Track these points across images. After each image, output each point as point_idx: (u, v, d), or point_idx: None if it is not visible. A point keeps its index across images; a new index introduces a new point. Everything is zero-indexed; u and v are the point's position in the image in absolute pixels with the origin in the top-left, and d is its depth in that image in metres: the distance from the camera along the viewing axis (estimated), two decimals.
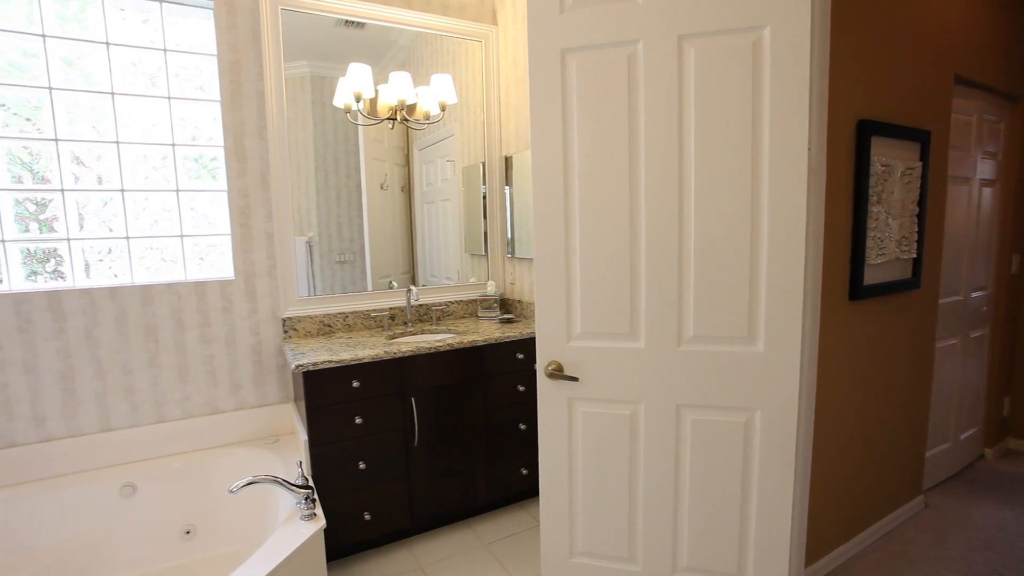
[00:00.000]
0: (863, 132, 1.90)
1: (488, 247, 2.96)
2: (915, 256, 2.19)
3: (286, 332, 2.46)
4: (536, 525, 2.41)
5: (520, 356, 2.43)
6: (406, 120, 2.65)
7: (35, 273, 2.15)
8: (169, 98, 2.27)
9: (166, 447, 2.28)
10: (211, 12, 2.27)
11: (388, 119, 2.61)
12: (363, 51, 2.57)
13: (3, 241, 2.06)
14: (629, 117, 1.50)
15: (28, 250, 2.12)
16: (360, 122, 2.59)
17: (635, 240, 1.53)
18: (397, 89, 2.50)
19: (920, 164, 2.15)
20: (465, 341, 2.29)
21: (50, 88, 2.08)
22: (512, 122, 2.84)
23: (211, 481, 2.24)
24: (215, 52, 2.28)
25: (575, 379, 1.62)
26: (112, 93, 2.17)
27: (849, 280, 1.97)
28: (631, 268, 1.54)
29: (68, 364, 2.12)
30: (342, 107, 2.53)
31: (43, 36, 2.06)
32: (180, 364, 2.30)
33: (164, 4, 2.22)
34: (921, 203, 2.17)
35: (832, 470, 2.01)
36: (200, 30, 2.30)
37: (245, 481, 1.69)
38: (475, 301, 2.91)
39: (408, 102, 2.55)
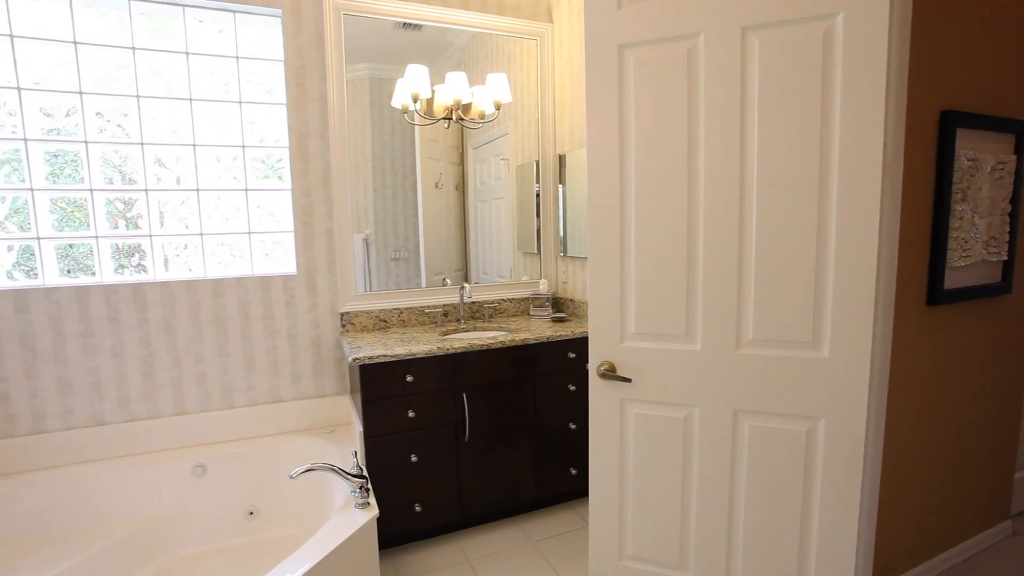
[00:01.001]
0: (947, 124, 1.76)
1: (540, 245, 2.96)
2: (1005, 258, 2.02)
3: (344, 326, 2.55)
4: (584, 526, 2.39)
5: (572, 355, 2.41)
6: (461, 119, 2.69)
7: (122, 266, 2.33)
8: (240, 103, 2.40)
9: (233, 432, 2.42)
10: (279, 20, 2.38)
11: (444, 119, 2.65)
12: (420, 53, 2.62)
13: (96, 237, 2.24)
14: (688, 113, 1.45)
15: (116, 245, 2.30)
16: (417, 122, 2.65)
17: (692, 239, 1.49)
18: (453, 89, 2.53)
19: (1014, 158, 1.97)
20: (517, 339, 2.29)
21: (138, 96, 2.25)
22: (566, 120, 2.82)
23: (272, 466, 2.35)
24: (282, 58, 2.39)
25: (628, 380, 1.59)
26: (190, 99, 2.32)
27: (927, 284, 1.83)
28: (687, 268, 1.50)
29: (149, 351, 2.28)
30: (399, 108, 2.59)
31: (133, 49, 2.22)
32: (246, 354, 2.43)
33: (237, 14, 2.35)
34: (1014, 201, 1.99)
35: (905, 486, 1.88)
36: (268, 37, 2.42)
37: (304, 468, 1.77)
38: (527, 299, 2.91)
39: (464, 102, 2.58)
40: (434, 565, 2.15)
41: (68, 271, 2.25)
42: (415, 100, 2.48)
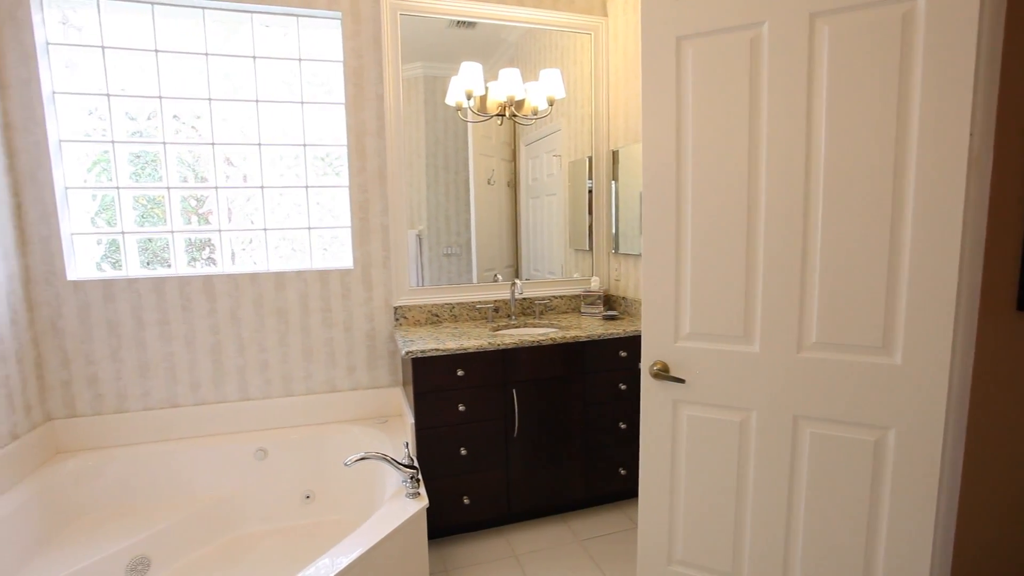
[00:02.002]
0: None
1: (593, 242, 2.92)
2: None
3: (397, 320, 2.61)
4: (632, 527, 2.35)
5: (623, 354, 2.38)
6: (514, 116, 2.69)
7: (194, 259, 2.48)
8: (302, 103, 2.49)
9: (291, 418, 2.53)
10: (339, 22, 2.46)
11: (497, 115, 2.67)
12: (473, 50, 2.64)
13: (172, 232, 2.39)
14: (750, 105, 1.39)
15: (190, 239, 2.45)
16: (470, 119, 2.67)
17: (752, 237, 1.43)
18: (506, 85, 2.54)
19: None
20: (568, 336, 2.28)
21: (210, 99, 2.38)
22: (620, 115, 2.77)
23: (328, 453, 2.45)
24: (341, 58, 2.46)
25: (681, 381, 1.55)
26: (257, 101, 2.43)
27: (1018, 287, 1.68)
28: (747, 267, 1.44)
29: (217, 339, 2.42)
30: (453, 105, 2.62)
31: (206, 55, 2.35)
32: (305, 345, 2.53)
33: (300, 18, 2.44)
34: None
35: (987, 507, 1.74)
36: (328, 39, 2.50)
37: (358, 456, 1.83)
38: (578, 296, 2.89)
39: (517, 98, 2.58)
40: (481, 557, 2.17)
41: (148, 263, 2.42)
42: (469, 97, 2.50)
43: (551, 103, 2.64)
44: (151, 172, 2.38)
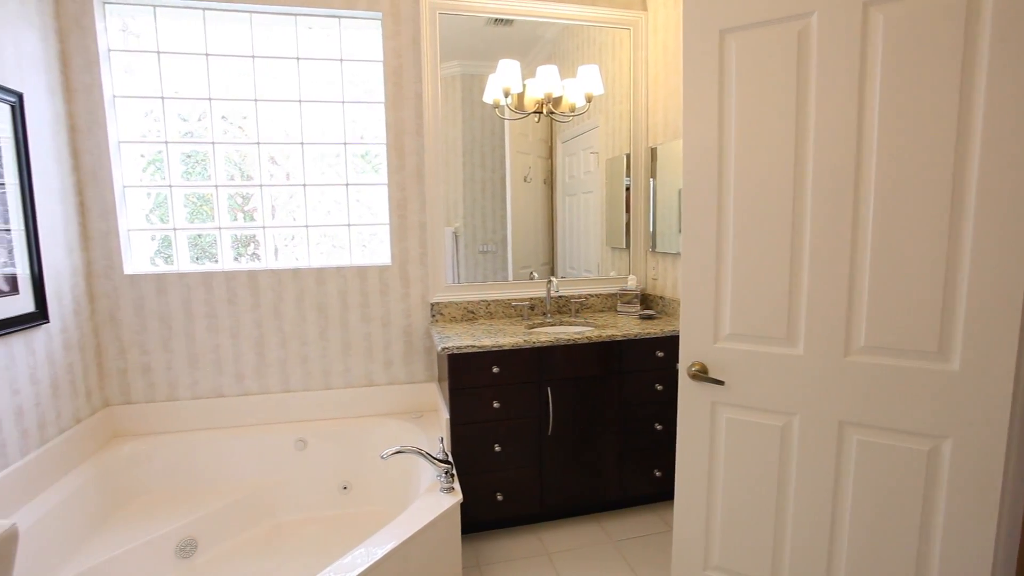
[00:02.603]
0: None
1: (630, 241, 2.88)
2: None
3: (433, 316, 2.64)
4: (667, 531, 2.31)
5: (660, 354, 2.34)
6: (552, 113, 2.68)
7: (240, 255, 2.57)
8: (343, 102, 2.55)
9: (330, 411, 2.59)
10: (379, 22, 2.50)
11: (534, 113, 2.66)
12: (510, 48, 2.64)
13: (219, 228, 2.49)
14: (796, 100, 1.35)
15: (236, 236, 2.54)
16: (507, 116, 2.67)
17: (797, 236, 1.38)
18: (544, 82, 2.53)
19: None
20: (603, 335, 2.26)
21: (255, 100, 2.46)
22: (660, 112, 2.72)
23: (365, 445, 2.50)
24: (381, 58, 2.50)
25: (721, 383, 1.51)
26: (300, 101, 2.50)
27: None
28: (791, 266, 1.40)
29: (260, 333, 2.50)
30: (490, 103, 2.63)
31: (253, 57, 2.43)
32: (344, 339, 2.59)
33: (342, 20, 2.49)
34: None
35: None
36: (369, 39, 2.54)
37: (394, 449, 1.86)
38: (614, 295, 2.86)
39: (554, 95, 2.57)
40: (513, 554, 2.18)
41: (197, 258, 2.52)
42: (506, 95, 2.50)
43: (589, 100, 2.62)
44: (200, 171, 2.48)
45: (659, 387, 2.36)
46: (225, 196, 2.50)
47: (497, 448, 2.21)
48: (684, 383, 1.60)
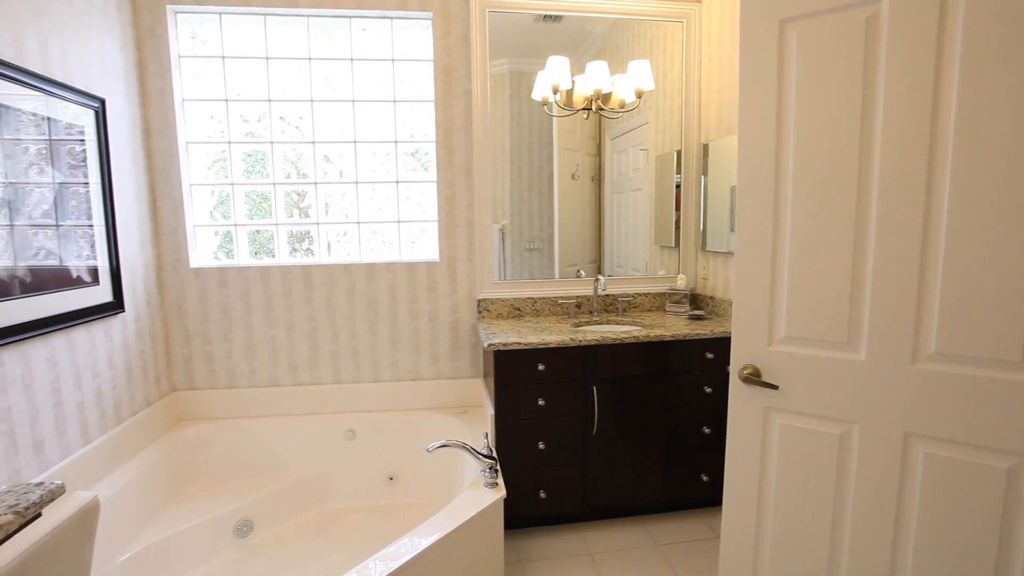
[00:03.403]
0: None
1: (680, 239, 2.82)
2: None
3: (480, 312, 2.67)
4: (714, 537, 2.25)
5: (710, 356, 2.28)
6: (601, 109, 2.65)
7: (295, 250, 2.67)
8: (394, 101, 2.60)
9: (378, 403, 2.66)
10: (430, 22, 2.53)
11: (583, 109, 2.63)
12: (559, 44, 2.63)
13: (276, 224, 2.59)
14: (863, 92, 1.27)
15: (291, 231, 2.64)
16: (555, 113, 2.66)
17: (861, 234, 1.31)
18: (593, 79, 2.50)
19: None
20: (651, 335, 2.22)
21: (312, 100, 2.54)
22: (713, 107, 2.64)
23: (411, 438, 2.55)
24: (431, 57, 2.54)
25: (774, 387, 1.46)
26: (353, 101, 2.57)
27: None
28: (852, 267, 1.33)
29: (313, 326, 2.59)
30: (539, 100, 2.62)
31: (309, 59, 2.52)
32: (392, 333, 2.65)
33: (394, 20, 2.55)
34: None
35: None
36: (419, 39, 2.58)
37: (440, 443, 1.89)
38: (663, 295, 2.80)
39: (604, 91, 2.54)
40: (555, 552, 2.18)
41: (255, 253, 2.64)
42: (555, 92, 2.49)
43: (639, 95, 2.57)
44: (260, 169, 2.59)
45: (708, 390, 2.30)
46: (282, 193, 2.60)
47: (541, 445, 2.21)
48: (735, 386, 1.55)
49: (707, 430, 2.32)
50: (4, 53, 1.61)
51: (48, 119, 1.78)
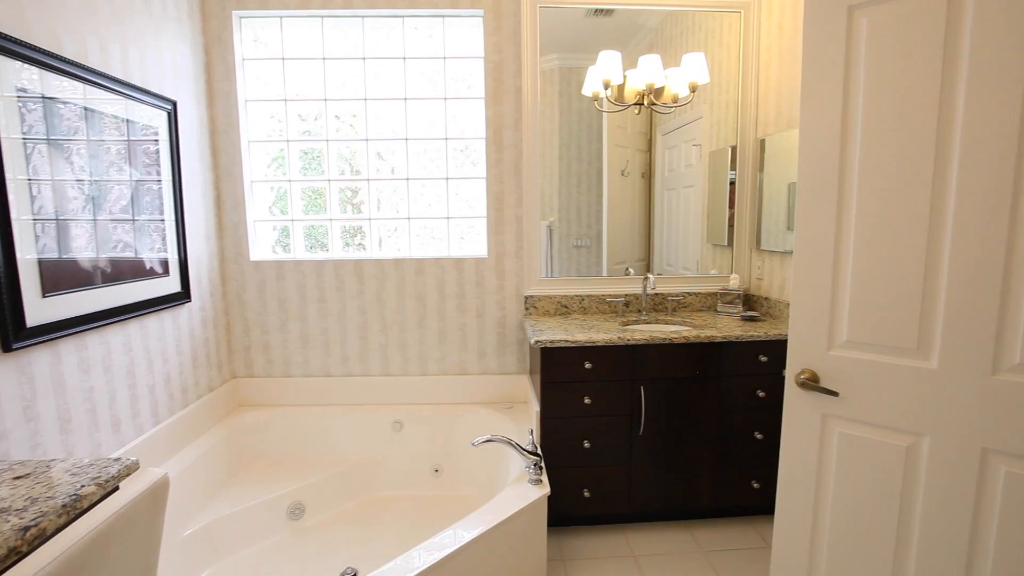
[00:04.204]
0: None
1: (733, 238, 2.73)
2: None
3: (527, 309, 2.67)
4: (764, 546, 2.17)
5: (763, 359, 2.20)
6: (653, 104, 2.59)
7: (347, 245, 2.75)
8: (445, 99, 2.63)
9: (425, 396, 2.71)
10: (481, 19, 2.55)
11: (635, 104, 2.59)
12: (610, 39, 2.59)
13: (330, 220, 2.68)
14: (942, 82, 1.19)
15: (344, 227, 2.73)
16: (606, 109, 2.62)
17: (936, 235, 1.23)
18: (646, 73, 2.45)
19: None
20: (702, 336, 2.16)
21: (365, 99, 2.61)
22: (771, 100, 2.54)
23: (457, 431, 2.59)
24: (482, 55, 2.55)
25: (834, 393, 1.39)
26: (405, 99, 2.62)
27: None
28: (925, 269, 1.25)
29: (364, 319, 2.67)
30: (589, 95, 2.59)
31: (363, 59, 2.58)
32: (440, 328, 2.69)
33: (446, 19, 2.57)
34: None
35: None
36: (470, 36, 2.60)
37: (485, 438, 1.91)
38: (715, 295, 2.72)
39: (656, 85, 2.48)
40: (598, 552, 2.16)
41: (310, 247, 2.74)
42: (606, 87, 2.45)
43: (693, 89, 2.50)
44: (316, 167, 2.68)
45: (761, 394, 2.22)
46: (336, 190, 2.68)
47: (586, 444, 2.19)
48: (791, 391, 1.49)
49: (759, 435, 2.24)
50: (92, 61, 1.73)
51: (127, 121, 1.90)
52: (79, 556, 0.80)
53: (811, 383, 1.43)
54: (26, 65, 1.49)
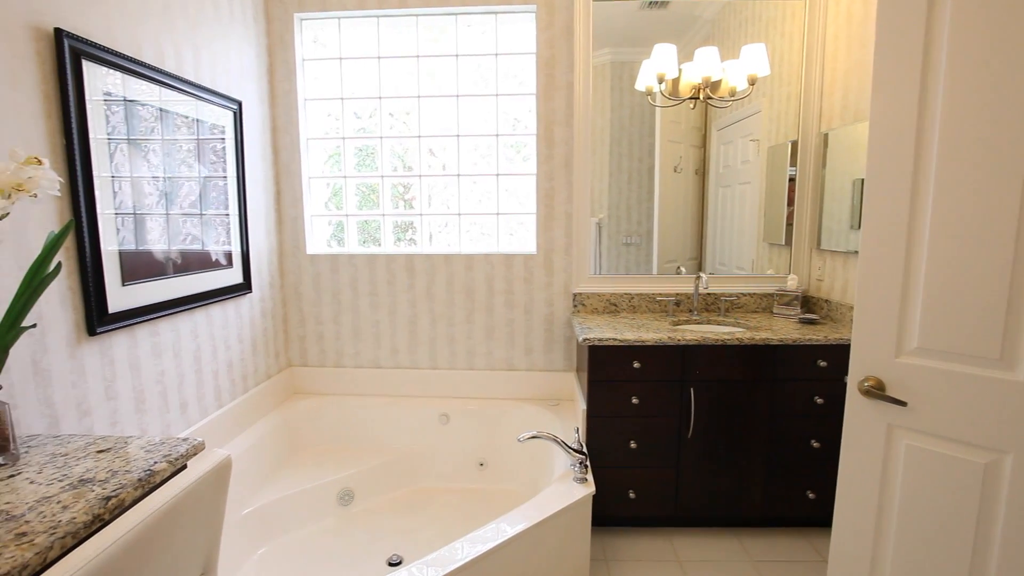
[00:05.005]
0: None
1: (792, 237, 2.61)
2: None
3: (575, 306, 2.65)
4: (818, 560, 2.08)
5: (823, 364, 2.10)
6: (709, 98, 2.51)
7: (399, 240, 2.81)
8: (496, 95, 2.64)
9: (471, 390, 2.74)
10: (533, 15, 2.54)
11: (690, 99, 2.52)
12: (664, 32, 2.52)
13: (383, 215, 2.75)
14: None
15: (396, 222, 2.79)
16: (659, 103, 2.57)
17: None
18: (702, 66, 2.38)
19: None
20: (756, 338, 2.09)
21: (419, 97, 2.66)
22: (837, 92, 2.41)
23: (502, 426, 2.60)
24: (534, 50, 2.55)
25: (901, 403, 1.31)
26: (457, 96, 2.65)
27: None
28: (1012, 273, 1.15)
29: (414, 312, 2.72)
30: (643, 90, 2.54)
31: (417, 57, 2.63)
32: (488, 323, 2.71)
33: (499, 15, 2.58)
34: None
35: None
36: (522, 32, 2.60)
37: (531, 434, 1.91)
38: (771, 296, 2.62)
39: (713, 79, 2.41)
40: (642, 555, 2.13)
41: (363, 242, 2.81)
42: (660, 81, 2.40)
43: (752, 82, 2.41)
44: (370, 163, 2.75)
45: (819, 400, 2.12)
46: (389, 185, 2.75)
47: (633, 445, 2.16)
48: (853, 399, 1.41)
49: (816, 444, 2.15)
50: (168, 65, 1.84)
51: (197, 120, 2.01)
52: (153, 527, 0.86)
53: (876, 391, 1.35)
54: (111, 71, 1.59)
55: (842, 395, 2.05)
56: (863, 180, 2.18)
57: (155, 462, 1.05)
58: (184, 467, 1.10)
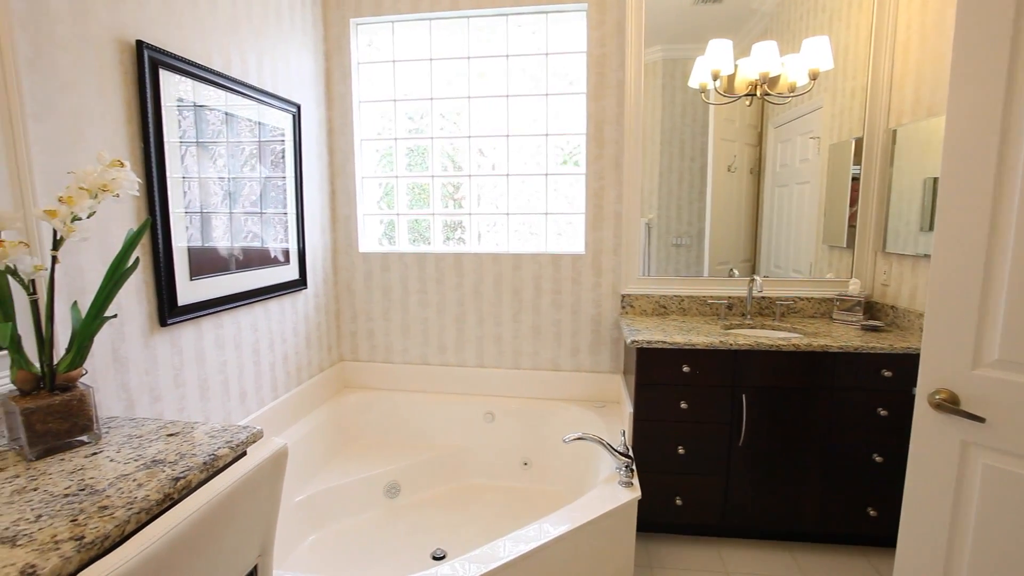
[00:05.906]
0: None
1: (854, 239, 2.48)
2: None
3: (623, 308, 2.62)
4: None
5: (887, 374, 1.98)
6: (766, 95, 2.42)
7: (448, 239, 2.85)
8: (547, 95, 2.64)
9: (517, 389, 2.75)
10: (584, 13, 2.52)
11: (746, 95, 2.44)
12: (718, 27, 2.45)
13: (433, 214, 2.79)
14: None
15: (446, 221, 2.83)
16: (713, 101, 2.49)
17: None
18: (760, 61, 2.29)
19: None
20: (814, 344, 2.00)
21: (469, 97, 2.68)
22: (908, 86, 2.27)
23: (547, 427, 2.60)
24: (584, 49, 2.53)
25: (980, 419, 1.22)
26: (507, 96, 2.66)
27: None
28: None
29: (462, 310, 2.75)
30: (697, 87, 2.48)
31: (468, 58, 2.66)
32: (535, 323, 2.71)
33: (549, 15, 2.58)
34: None
35: None
36: (573, 31, 2.58)
37: (576, 435, 1.90)
38: (830, 300, 2.50)
39: (771, 74, 2.32)
40: (688, 564, 2.07)
41: (413, 241, 2.87)
42: (715, 78, 2.33)
43: (813, 77, 2.30)
44: (421, 163, 2.81)
45: (882, 412, 2.01)
46: (439, 185, 2.79)
47: (681, 450, 2.11)
48: (923, 413, 1.33)
49: (878, 458, 2.03)
50: (234, 71, 1.94)
51: (259, 123, 2.10)
52: (217, 509, 0.90)
53: (949, 405, 1.27)
54: (184, 78, 1.69)
55: (909, 408, 1.94)
56: (936, 179, 2.05)
57: (218, 447, 1.11)
58: (244, 453, 1.15)
